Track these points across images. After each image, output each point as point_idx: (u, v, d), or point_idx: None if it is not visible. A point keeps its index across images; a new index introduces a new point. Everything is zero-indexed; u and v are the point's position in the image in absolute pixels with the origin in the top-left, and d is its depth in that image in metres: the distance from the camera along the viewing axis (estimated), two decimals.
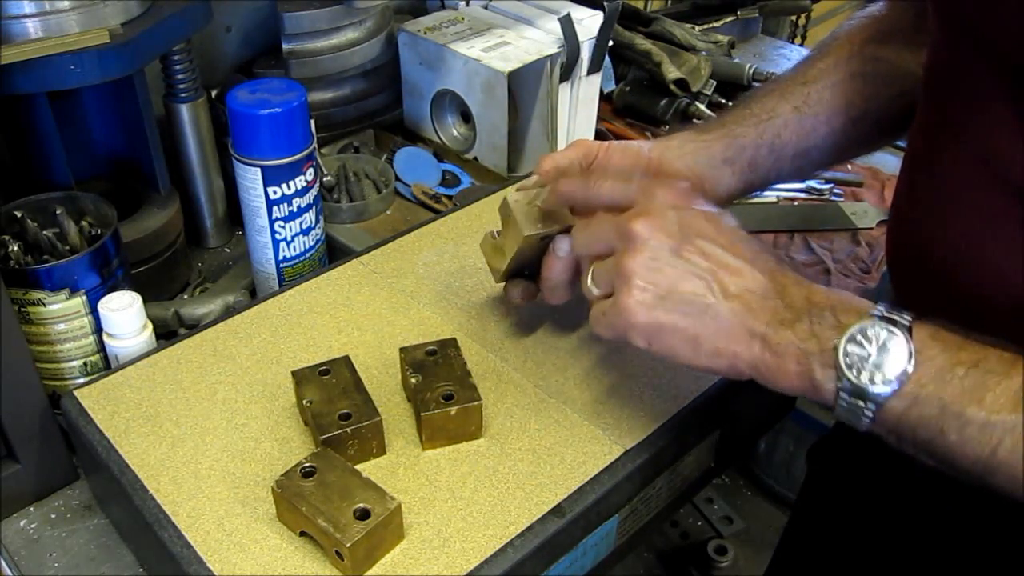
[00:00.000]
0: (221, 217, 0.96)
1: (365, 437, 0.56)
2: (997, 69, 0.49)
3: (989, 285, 0.53)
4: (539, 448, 0.58)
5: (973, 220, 0.53)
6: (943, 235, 0.55)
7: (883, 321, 0.45)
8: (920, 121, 0.59)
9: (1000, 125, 0.50)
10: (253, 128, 0.73)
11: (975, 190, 0.52)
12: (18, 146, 0.82)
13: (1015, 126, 0.49)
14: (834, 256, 0.98)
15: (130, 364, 0.65)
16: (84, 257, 0.67)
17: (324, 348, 0.66)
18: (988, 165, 0.51)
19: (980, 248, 0.53)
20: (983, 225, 0.52)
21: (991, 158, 0.51)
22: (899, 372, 0.44)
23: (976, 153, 0.52)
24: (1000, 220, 0.51)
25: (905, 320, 0.45)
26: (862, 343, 0.45)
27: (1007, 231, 0.51)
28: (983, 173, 0.52)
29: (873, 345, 0.45)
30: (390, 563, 0.51)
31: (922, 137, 0.59)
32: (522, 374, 0.64)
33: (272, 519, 0.53)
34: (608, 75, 1.24)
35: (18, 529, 0.65)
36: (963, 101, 0.53)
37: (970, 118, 0.52)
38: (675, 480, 0.64)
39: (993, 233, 0.52)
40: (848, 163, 1.14)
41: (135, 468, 0.56)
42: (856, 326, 0.45)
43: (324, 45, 1.00)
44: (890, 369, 0.44)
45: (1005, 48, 0.48)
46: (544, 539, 0.53)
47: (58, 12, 0.69)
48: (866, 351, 0.45)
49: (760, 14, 1.47)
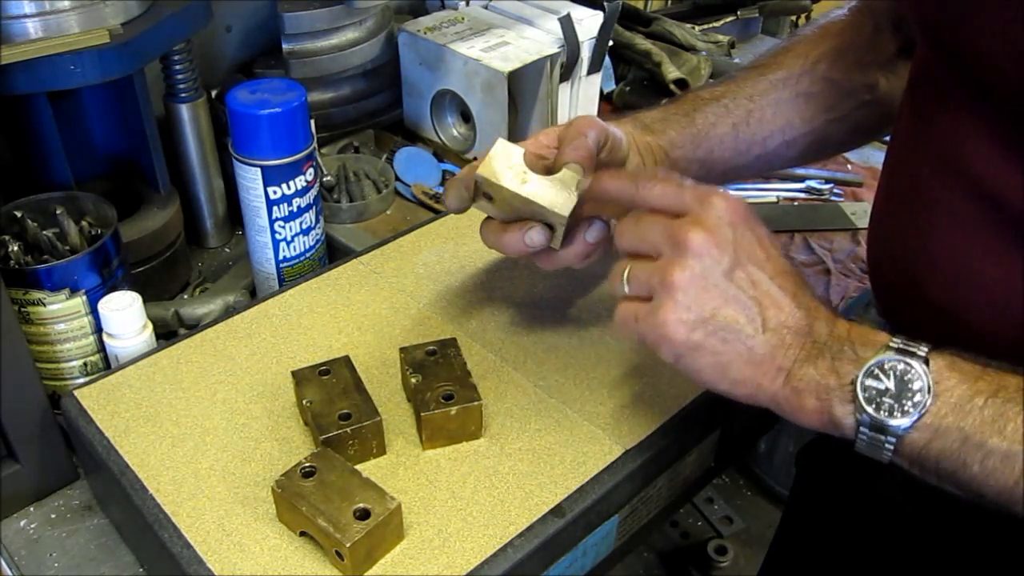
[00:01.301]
0: (221, 217, 0.96)
1: (365, 437, 0.56)
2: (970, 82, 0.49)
3: (965, 294, 0.53)
4: (539, 448, 0.58)
5: (949, 229, 0.53)
6: (920, 245, 0.55)
7: (900, 353, 0.45)
8: (898, 131, 0.59)
9: (975, 136, 0.50)
10: (253, 128, 0.73)
11: (951, 200, 0.52)
12: (18, 146, 0.82)
13: (989, 138, 0.49)
14: (834, 256, 0.98)
15: (130, 364, 0.65)
16: (84, 257, 0.67)
17: (324, 348, 0.66)
18: (963, 175, 0.51)
19: (956, 257, 0.53)
20: (959, 234, 0.53)
21: (966, 168, 0.51)
22: (918, 404, 0.44)
23: (951, 164, 0.52)
24: (975, 229, 0.51)
25: (922, 352, 0.45)
26: (880, 377, 0.45)
27: (982, 239, 0.51)
28: (958, 183, 0.52)
29: (891, 379, 0.45)
30: (390, 563, 0.51)
31: (899, 147, 0.59)
32: (522, 374, 0.64)
33: (272, 519, 0.53)
34: (608, 75, 1.24)
35: (18, 529, 0.65)
36: (938, 113, 0.53)
37: (945, 129, 0.53)
38: (675, 480, 0.64)
39: (969, 241, 0.52)
40: (847, 163, 1.14)
41: (135, 468, 0.56)
42: (874, 360, 0.45)
43: (324, 45, 1.00)
44: (908, 402, 0.44)
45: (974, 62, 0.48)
46: (544, 539, 0.53)
47: (58, 12, 0.69)
48: (884, 384, 0.45)
49: (760, 14, 1.47)
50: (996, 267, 0.50)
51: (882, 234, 0.61)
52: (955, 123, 0.52)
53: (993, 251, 0.51)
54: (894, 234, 0.59)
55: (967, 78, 0.50)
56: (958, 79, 0.51)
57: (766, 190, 1.08)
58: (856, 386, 0.46)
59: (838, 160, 1.15)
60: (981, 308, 0.52)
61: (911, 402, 0.44)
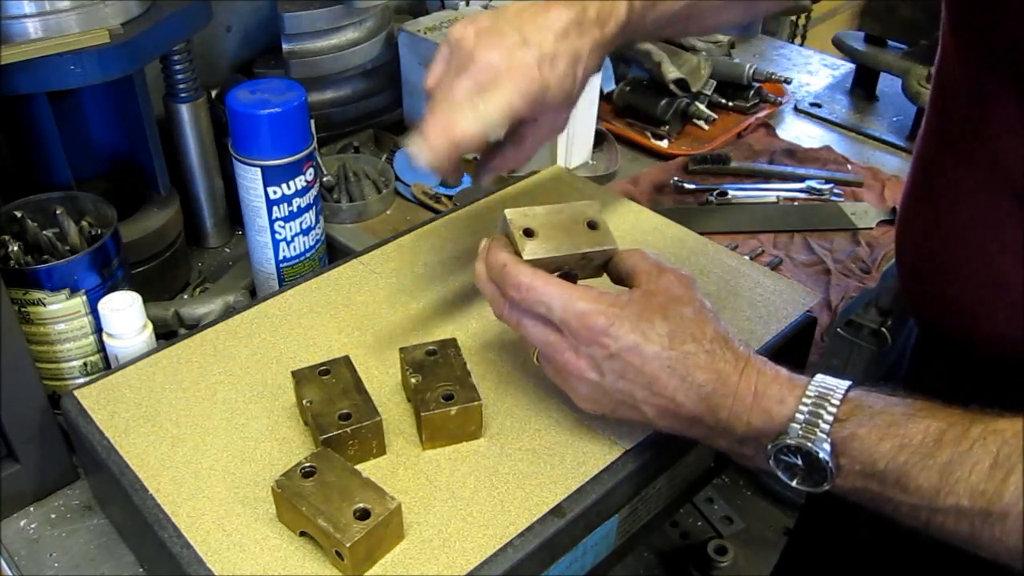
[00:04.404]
0: (221, 217, 0.96)
1: (365, 437, 0.56)
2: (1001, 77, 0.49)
3: (987, 291, 0.53)
4: (539, 448, 0.58)
5: (973, 226, 0.53)
6: (944, 240, 0.55)
7: (805, 432, 0.48)
8: (928, 127, 0.59)
9: (1007, 132, 0.50)
10: (253, 128, 0.73)
11: (979, 195, 0.52)
12: (18, 146, 0.82)
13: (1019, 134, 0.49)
14: (834, 256, 0.98)
15: (130, 364, 0.65)
16: (84, 257, 0.67)
17: (324, 348, 0.66)
18: (993, 171, 0.51)
19: (979, 255, 0.53)
20: (983, 232, 0.53)
21: (997, 164, 0.51)
22: (827, 477, 0.48)
23: (982, 159, 0.52)
24: (1000, 227, 0.51)
25: (825, 425, 0.48)
26: (788, 455, 0.49)
27: (1006, 238, 0.51)
28: (988, 179, 0.52)
29: (798, 457, 0.49)
30: (390, 563, 0.51)
31: (929, 142, 0.59)
32: (522, 374, 0.64)
33: (272, 519, 0.53)
34: (608, 75, 1.24)
35: (18, 529, 0.65)
36: (971, 107, 0.53)
37: (977, 125, 0.53)
38: (675, 480, 0.64)
39: (993, 239, 0.52)
40: (848, 163, 1.14)
41: (135, 468, 0.56)
42: (780, 444, 0.49)
43: (324, 45, 1.00)
44: (818, 474, 0.49)
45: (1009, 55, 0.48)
46: (544, 539, 0.53)
47: (58, 12, 0.69)
48: (794, 461, 0.49)
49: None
50: (1020, 266, 0.51)
51: (908, 228, 0.61)
52: (983, 119, 0.52)
53: (1017, 250, 0.51)
54: (919, 228, 0.59)
55: (998, 73, 0.50)
56: (988, 74, 0.51)
57: (766, 190, 1.08)
58: (770, 461, 0.50)
59: (838, 160, 1.15)
60: (1002, 306, 0.52)
61: (819, 474, 0.48)
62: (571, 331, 0.52)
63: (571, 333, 0.52)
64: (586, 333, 0.51)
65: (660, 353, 0.51)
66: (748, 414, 0.50)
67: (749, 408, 0.50)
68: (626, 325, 0.51)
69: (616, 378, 0.52)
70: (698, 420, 0.52)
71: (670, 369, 0.51)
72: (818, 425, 0.48)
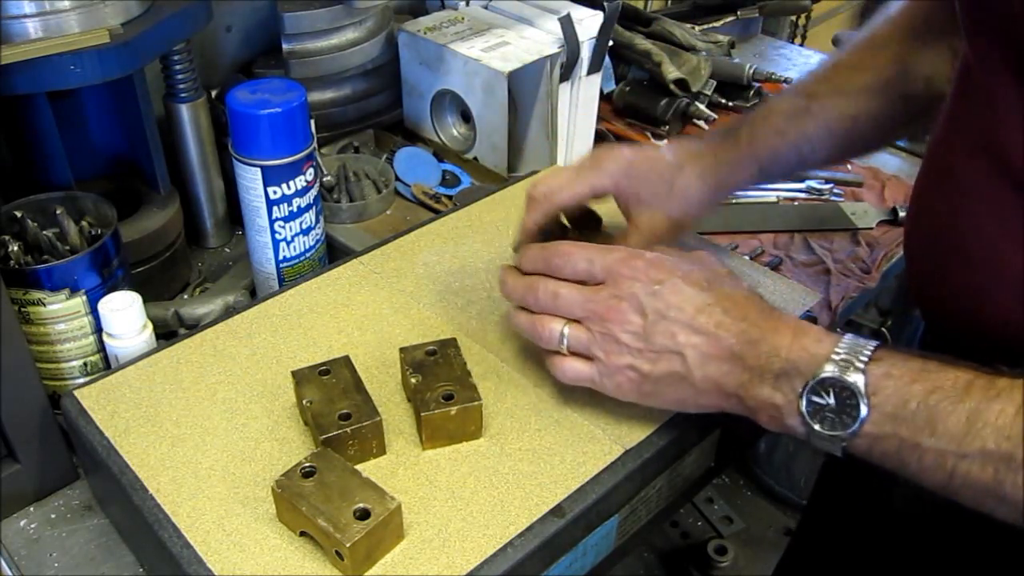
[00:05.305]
0: (221, 217, 0.96)
1: (365, 437, 0.56)
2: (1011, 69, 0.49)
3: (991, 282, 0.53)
4: (539, 448, 0.58)
5: (979, 216, 0.54)
6: (950, 230, 0.56)
7: (840, 368, 0.48)
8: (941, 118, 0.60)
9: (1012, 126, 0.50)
10: (253, 128, 0.73)
11: (987, 187, 0.53)
12: (18, 146, 0.82)
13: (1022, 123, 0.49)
14: (834, 256, 0.98)
15: (130, 364, 0.65)
16: (84, 257, 0.67)
17: (324, 348, 0.66)
18: (997, 163, 0.51)
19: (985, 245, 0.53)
20: (989, 221, 0.53)
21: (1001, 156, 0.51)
22: (857, 416, 0.48)
23: (989, 151, 0.52)
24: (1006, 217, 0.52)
25: (861, 363, 0.48)
26: (821, 394, 0.49)
27: (1012, 229, 0.51)
28: (992, 170, 0.52)
29: (831, 395, 0.49)
30: (390, 563, 0.51)
31: (940, 134, 0.59)
32: (522, 374, 0.64)
33: (272, 519, 0.53)
34: (608, 75, 1.24)
35: (18, 529, 0.65)
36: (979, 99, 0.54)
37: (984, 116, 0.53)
38: (675, 480, 0.64)
39: (999, 230, 0.52)
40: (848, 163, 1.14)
41: (135, 468, 0.56)
42: (816, 379, 0.49)
43: (324, 45, 1.00)
44: (848, 415, 0.48)
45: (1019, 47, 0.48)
46: (544, 539, 0.53)
47: (58, 12, 0.69)
48: (825, 401, 0.49)
49: (760, 14, 1.47)
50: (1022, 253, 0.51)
51: (917, 217, 0.62)
52: (992, 110, 0.52)
53: (1017, 237, 0.51)
54: (927, 218, 0.60)
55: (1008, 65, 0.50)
56: (998, 66, 0.51)
57: (766, 190, 1.08)
58: (801, 403, 0.50)
59: None
60: (1007, 297, 0.52)
61: (850, 416, 0.48)
62: (615, 275, 0.55)
63: (615, 278, 0.55)
64: (628, 271, 0.55)
65: (700, 293, 0.54)
66: (787, 350, 0.51)
67: (789, 345, 0.51)
68: (667, 263, 0.55)
69: (658, 318, 0.54)
70: (738, 359, 0.52)
71: (711, 306, 0.54)
72: (854, 363, 0.48)
